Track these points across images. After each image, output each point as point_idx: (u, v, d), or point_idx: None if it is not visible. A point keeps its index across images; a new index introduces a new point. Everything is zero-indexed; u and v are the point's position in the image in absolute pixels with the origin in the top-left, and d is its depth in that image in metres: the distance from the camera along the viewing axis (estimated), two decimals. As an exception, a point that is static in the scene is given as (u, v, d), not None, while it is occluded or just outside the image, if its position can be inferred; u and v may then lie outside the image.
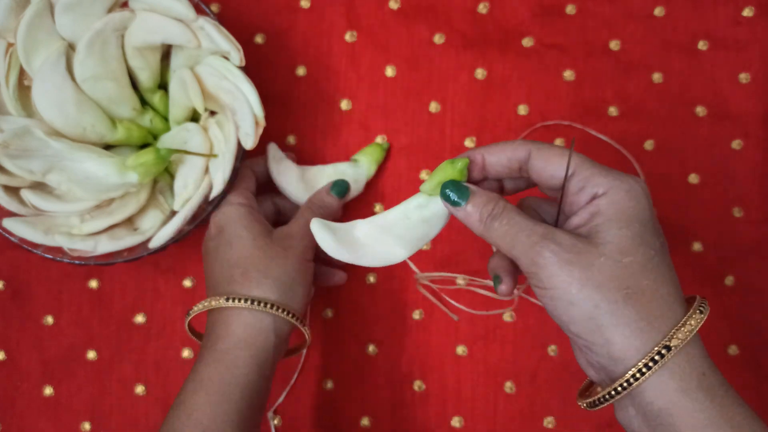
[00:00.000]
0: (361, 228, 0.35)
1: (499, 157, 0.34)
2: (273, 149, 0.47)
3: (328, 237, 0.34)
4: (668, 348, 0.28)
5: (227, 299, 0.39)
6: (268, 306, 0.39)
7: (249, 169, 0.46)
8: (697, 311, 0.30)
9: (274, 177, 0.48)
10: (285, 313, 0.39)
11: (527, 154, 0.33)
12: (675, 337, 0.28)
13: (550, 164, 0.32)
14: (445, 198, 0.34)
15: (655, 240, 0.30)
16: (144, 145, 0.47)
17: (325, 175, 0.49)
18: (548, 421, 0.50)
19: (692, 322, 0.29)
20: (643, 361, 0.28)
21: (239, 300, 0.39)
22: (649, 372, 0.28)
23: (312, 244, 0.42)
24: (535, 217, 0.35)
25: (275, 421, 0.50)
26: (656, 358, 0.28)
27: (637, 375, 0.28)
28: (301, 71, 0.51)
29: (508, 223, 0.31)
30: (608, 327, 0.29)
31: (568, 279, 0.29)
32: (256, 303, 0.39)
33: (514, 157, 0.33)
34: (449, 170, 0.34)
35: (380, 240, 0.35)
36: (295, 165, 0.49)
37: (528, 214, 0.32)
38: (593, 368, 0.31)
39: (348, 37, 0.51)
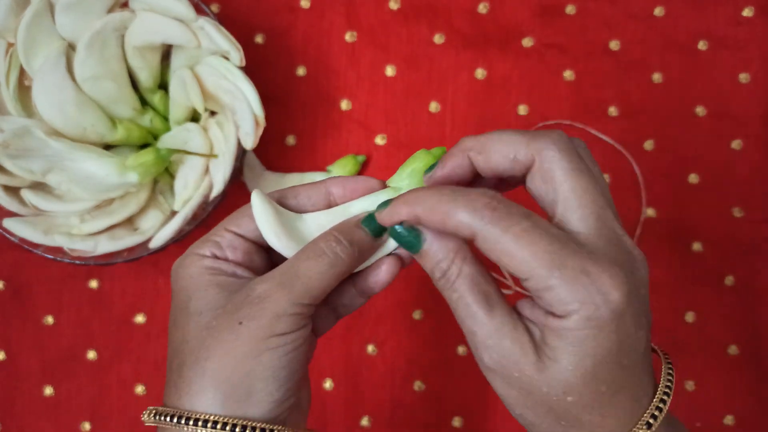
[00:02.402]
0: (315, 219, 0.30)
1: (499, 161, 0.27)
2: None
3: (269, 220, 0.28)
4: None
5: (152, 413, 0.28)
6: (199, 423, 0.26)
7: (246, 215, 0.30)
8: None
9: (248, 186, 0.48)
10: (231, 428, 0.26)
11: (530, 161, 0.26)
12: None
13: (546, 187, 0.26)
14: (396, 237, 0.28)
15: (616, 366, 0.25)
16: (144, 145, 0.47)
17: (295, 183, 0.49)
18: (548, 421, 0.50)
19: None
20: None
21: (158, 416, 0.27)
22: None
23: (302, 299, 0.27)
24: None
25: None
26: None
27: None
28: (301, 71, 0.51)
29: (458, 300, 0.26)
30: None
31: (513, 396, 0.26)
32: (182, 420, 0.26)
33: (512, 156, 0.26)
34: (425, 158, 0.30)
35: None
36: (270, 172, 0.49)
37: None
38: None
39: (348, 37, 0.51)
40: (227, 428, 0.26)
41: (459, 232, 0.25)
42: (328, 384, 0.50)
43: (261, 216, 0.28)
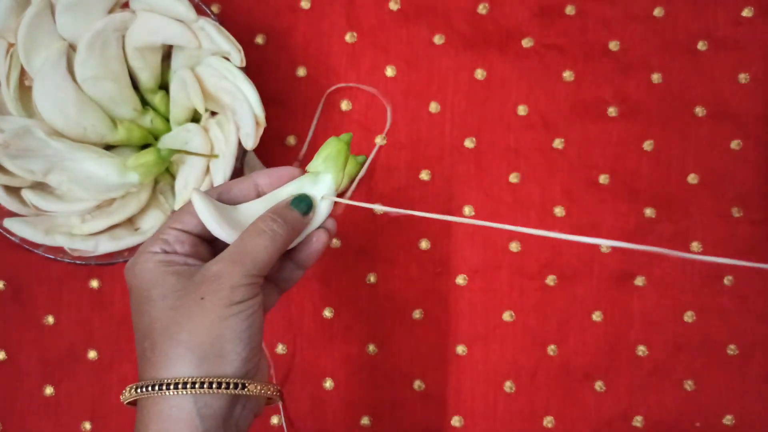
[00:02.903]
0: (250, 207, 0.34)
1: None
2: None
3: (210, 213, 0.32)
4: None
5: (132, 388, 0.31)
6: (179, 386, 0.29)
7: (187, 213, 0.33)
8: None
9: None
10: (208, 386, 0.30)
11: None
12: None
13: None
14: None
15: None
16: (145, 146, 0.47)
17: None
18: (548, 421, 0.50)
19: None
20: None
21: (139, 389, 0.30)
22: None
23: (252, 271, 0.31)
24: None
25: (275, 421, 0.50)
26: None
27: None
28: (301, 71, 0.51)
29: None
30: None
31: None
32: (162, 387, 0.29)
33: None
34: (336, 144, 0.35)
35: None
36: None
37: None
38: None
39: (348, 37, 0.51)
40: (205, 386, 0.29)
41: None
42: (328, 384, 0.50)
43: (203, 211, 0.32)
